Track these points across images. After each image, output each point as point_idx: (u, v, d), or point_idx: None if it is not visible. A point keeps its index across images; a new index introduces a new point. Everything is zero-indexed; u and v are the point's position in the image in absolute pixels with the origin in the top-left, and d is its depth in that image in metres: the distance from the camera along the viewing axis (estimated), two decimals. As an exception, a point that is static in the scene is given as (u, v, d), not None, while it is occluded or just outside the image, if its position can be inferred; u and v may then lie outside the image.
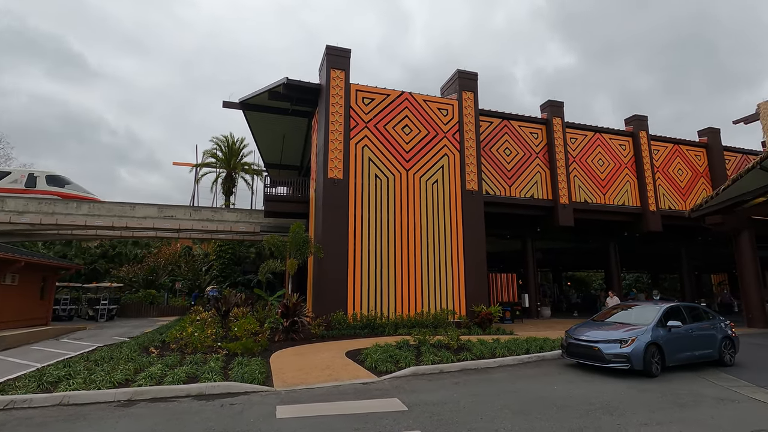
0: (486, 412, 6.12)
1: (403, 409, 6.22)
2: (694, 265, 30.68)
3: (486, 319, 15.12)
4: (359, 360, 9.45)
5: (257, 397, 6.94)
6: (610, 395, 7.04)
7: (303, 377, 8.03)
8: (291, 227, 14.46)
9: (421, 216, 16.31)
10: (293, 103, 18.09)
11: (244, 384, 7.37)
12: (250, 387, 7.31)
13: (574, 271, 47.63)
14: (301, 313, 12.86)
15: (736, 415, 6.00)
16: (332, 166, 15.47)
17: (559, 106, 21.00)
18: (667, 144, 23.52)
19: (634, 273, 49.27)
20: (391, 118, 16.74)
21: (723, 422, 5.69)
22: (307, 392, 7.18)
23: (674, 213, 21.92)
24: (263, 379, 7.75)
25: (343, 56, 16.47)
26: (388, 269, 15.48)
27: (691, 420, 5.78)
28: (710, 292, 38.56)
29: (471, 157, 17.54)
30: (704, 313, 10.14)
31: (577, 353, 9.15)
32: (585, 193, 20.86)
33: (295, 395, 7.00)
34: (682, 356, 8.95)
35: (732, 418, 5.88)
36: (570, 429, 5.42)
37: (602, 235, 24.96)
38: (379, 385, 7.67)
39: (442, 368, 8.87)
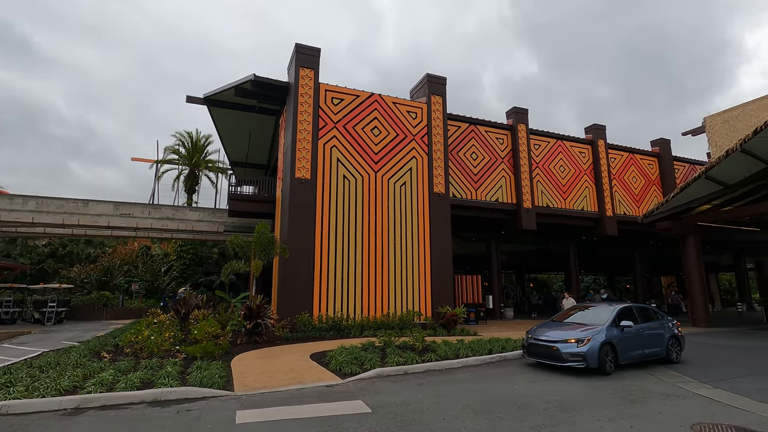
0: (449, 412, 6.19)
1: (366, 411, 6.19)
2: (647, 268, 32.35)
3: (451, 320, 15.34)
4: (324, 362, 9.34)
5: (216, 402, 6.72)
6: (566, 393, 7.30)
7: (265, 381, 7.85)
8: (256, 227, 14.13)
9: (388, 218, 16.36)
10: (260, 101, 17.72)
11: (202, 389, 7.13)
12: (209, 392, 7.08)
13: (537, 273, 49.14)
14: (265, 315, 12.58)
15: (681, 410, 6.36)
16: (300, 165, 15.26)
17: (524, 113, 21.65)
18: (623, 153, 24.73)
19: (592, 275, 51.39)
20: (361, 119, 16.71)
21: (669, 417, 6.01)
22: (269, 396, 7.02)
23: (629, 218, 23.05)
24: (223, 383, 7.52)
25: (313, 55, 16.30)
26: (355, 271, 15.42)
27: (640, 416, 6.08)
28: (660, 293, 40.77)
29: (439, 160, 17.77)
30: (654, 314, 10.70)
31: (537, 353, 9.44)
32: (547, 198, 21.59)
33: (256, 399, 6.83)
34: (633, 354, 9.41)
35: (677, 413, 6.23)
36: (528, 427, 5.57)
37: (563, 239, 25.90)
38: (343, 388, 7.61)
39: (407, 369, 8.91)
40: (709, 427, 5.57)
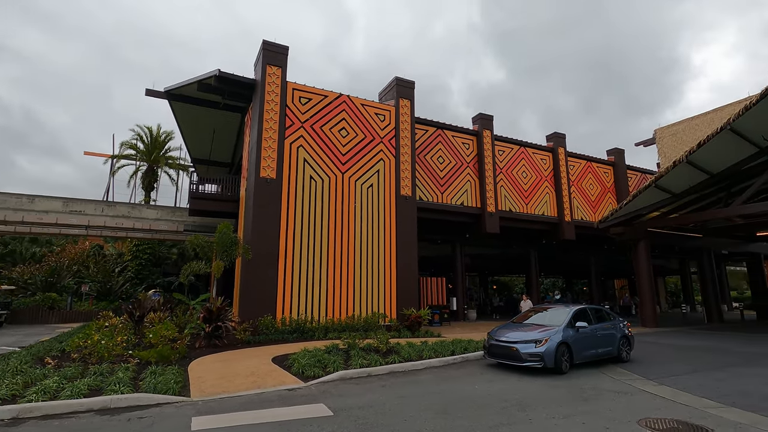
0: (410, 413, 6.23)
1: (328, 415, 6.13)
2: (601, 271, 33.93)
3: (415, 322, 15.48)
4: (286, 366, 9.18)
5: (171, 408, 6.45)
6: (524, 392, 7.52)
7: (224, 385, 7.62)
8: (218, 227, 13.70)
9: (355, 219, 16.32)
10: (225, 97, 17.26)
11: (156, 395, 6.82)
12: (163, 398, 6.78)
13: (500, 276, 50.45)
14: (225, 318, 12.22)
15: (629, 406, 6.69)
16: (265, 164, 14.96)
17: (489, 119, 22.22)
18: (582, 161, 25.86)
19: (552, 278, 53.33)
20: (329, 119, 16.60)
21: (618, 413, 6.31)
22: (227, 401, 6.82)
23: (586, 224, 24.11)
24: (179, 389, 7.22)
25: (281, 53, 16.05)
26: (320, 272, 15.27)
27: (592, 412, 6.35)
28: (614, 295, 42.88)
29: (406, 163, 17.92)
30: (606, 315, 11.22)
31: (498, 353, 9.68)
32: (510, 203, 22.23)
33: (214, 405, 6.61)
34: (587, 354, 9.82)
35: (625, 409, 6.56)
36: (487, 426, 5.69)
37: (524, 243, 26.75)
38: (305, 391, 7.50)
39: (371, 371, 8.90)
40: (653, 421, 5.89)
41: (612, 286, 46.38)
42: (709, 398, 7.11)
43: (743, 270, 40.80)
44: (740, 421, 5.91)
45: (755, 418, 6.06)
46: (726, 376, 8.95)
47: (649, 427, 5.66)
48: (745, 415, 6.20)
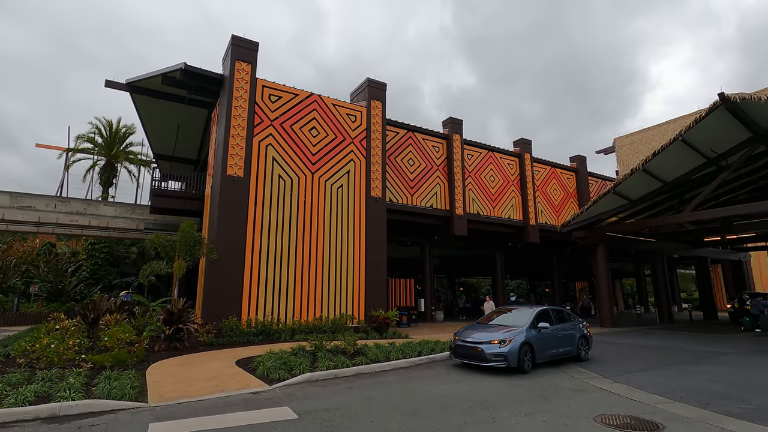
0: (377, 414, 6.22)
1: (293, 418, 6.03)
2: (563, 273, 35.19)
3: (383, 323, 15.50)
4: (250, 368, 8.97)
5: (126, 415, 6.16)
6: (488, 392, 7.67)
7: (185, 390, 7.35)
8: (181, 225, 13.25)
9: (324, 220, 16.18)
10: (191, 92, 16.70)
11: (111, 401, 6.50)
12: (118, 404, 6.47)
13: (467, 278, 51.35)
14: (187, 320, 11.81)
15: (587, 404, 6.96)
16: (232, 162, 14.58)
17: (459, 123, 22.60)
18: (546, 166, 26.74)
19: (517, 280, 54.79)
20: (299, 118, 16.39)
21: (576, 410, 6.55)
22: (187, 406, 6.58)
23: (549, 227, 24.91)
24: (136, 394, 6.92)
25: (251, 49, 15.71)
26: (288, 273, 15.03)
27: (552, 410, 6.56)
28: (574, 297, 44.55)
29: (377, 164, 17.94)
30: (567, 315, 11.62)
31: (463, 354, 9.83)
32: (478, 206, 22.68)
33: (173, 410, 6.36)
34: (549, 353, 10.14)
35: (583, 406, 6.81)
36: (452, 425, 5.76)
37: (491, 245, 27.36)
38: (270, 394, 7.35)
39: (337, 373, 8.83)
40: (608, 417, 6.15)
41: (573, 287, 48.15)
42: (660, 394, 7.50)
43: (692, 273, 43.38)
44: (687, 416, 6.26)
45: (701, 412, 6.44)
46: (675, 374, 9.46)
47: (604, 423, 5.91)
48: (691, 410, 6.58)
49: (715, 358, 11.61)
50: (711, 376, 9.18)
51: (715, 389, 7.89)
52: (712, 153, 17.26)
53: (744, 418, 6.10)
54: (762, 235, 26.84)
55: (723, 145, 16.88)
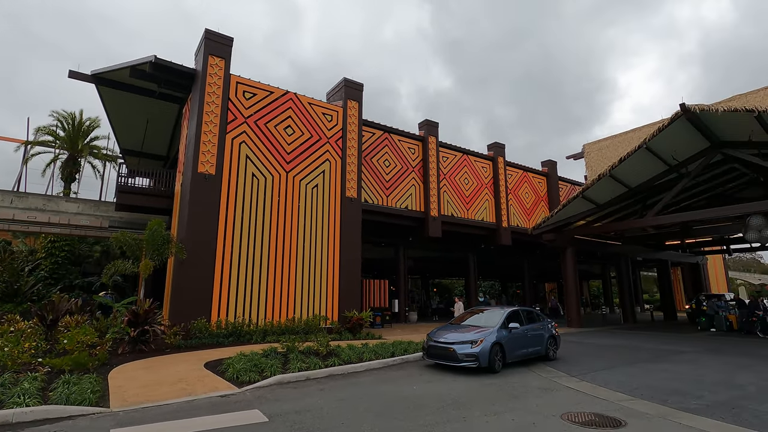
0: (348, 416, 6.19)
1: (263, 421, 5.92)
2: (534, 275, 36.04)
3: (357, 324, 15.45)
4: (219, 371, 8.76)
5: (85, 421, 5.90)
6: (459, 392, 7.76)
7: (149, 394, 7.10)
8: (149, 224, 12.81)
9: (298, 220, 15.99)
10: (161, 86, 16.20)
11: (69, 407, 6.20)
12: (77, 410, 6.18)
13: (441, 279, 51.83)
14: (154, 322, 11.42)
15: (554, 402, 7.15)
16: (204, 159, 14.22)
17: (435, 126, 22.82)
18: (519, 170, 27.35)
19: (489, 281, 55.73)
20: (274, 116, 16.15)
21: (544, 408, 6.71)
22: (152, 411, 6.35)
23: (521, 230, 25.48)
24: (97, 399, 6.62)
25: (225, 44, 15.37)
26: (260, 273, 14.78)
27: (521, 408, 6.70)
28: (544, 298, 45.70)
29: (352, 165, 17.88)
30: (537, 316, 11.91)
31: (436, 354, 9.92)
32: (452, 208, 22.96)
33: (136, 415, 6.13)
34: (519, 353, 10.36)
35: (551, 404, 6.99)
36: (423, 425, 5.79)
37: (464, 247, 27.73)
38: (239, 397, 7.20)
39: (309, 375, 8.74)
40: (574, 415, 6.33)
41: (543, 289, 49.38)
42: (623, 392, 7.78)
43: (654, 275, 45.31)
44: (648, 412, 6.52)
45: (660, 409, 6.72)
46: (637, 372, 9.84)
47: (570, 420, 6.08)
48: (652, 406, 6.86)
49: (673, 356, 12.15)
50: (670, 373, 9.60)
51: (673, 386, 8.25)
52: (673, 161, 18.09)
53: (699, 414, 6.41)
54: (718, 240, 28.35)
55: (684, 153, 17.72)
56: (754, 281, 54.17)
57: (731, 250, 30.24)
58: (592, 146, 29.43)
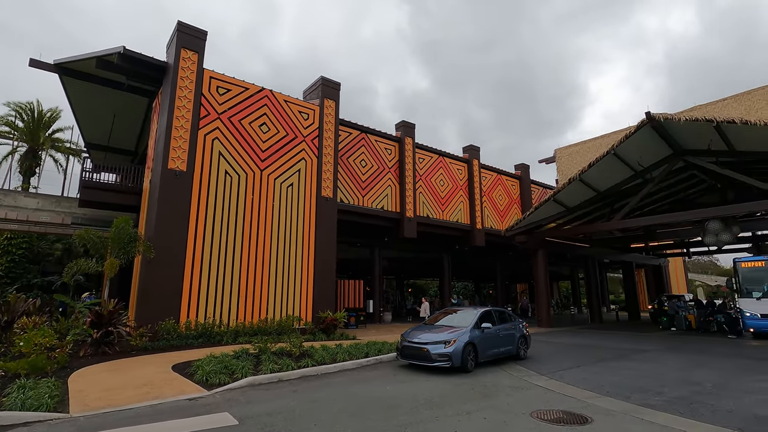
0: (321, 417, 6.12)
1: (233, 424, 5.78)
2: (506, 276, 36.77)
3: (331, 324, 15.34)
4: (188, 373, 8.50)
5: (42, 427, 5.60)
6: (432, 391, 7.82)
7: (112, 398, 6.81)
8: (115, 221, 12.32)
9: (272, 219, 15.74)
10: (130, 78, 15.62)
11: (24, 413, 5.88)
12: (33, 415, 5.87)
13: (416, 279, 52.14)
14: (118, 323, 10.98)
15: (524, 400, 7.29)
16: (174, 155, 13.80)
17: (412, 127, 22.94)
18: (493, 173, 27.84)
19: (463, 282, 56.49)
20: (249, 113, 15.84)
21: (515, 407, 6.84)
22: (114, 415, 6.10)
23: (494, 231, 25.94)
24: (55, 404, 6.31)
25: (198, 37, 14.97)
26: (233, 273, 14.45)
27: (493, 407, 6.80)
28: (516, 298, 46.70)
29: (328, 164, 17.75)
30: (509, 316, 12.14)
31: (410, 354, 9.95)
32: (428, 209, 23.13)
33: (97, 420, 5.87)
34: (491, 353, 10.53)
35: (521, 402, 7.13)
36: (396, 425, 5.80)
37: (439, 248, 28.00)
38: (208, 400, 7.01)
39: (282, 376, 8.61)
40: (543, 413, 6.48)
41: (515, 289, 50.44)
42: (590, 390, 8.02)
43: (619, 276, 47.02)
44: (612, 409, 6.74)
45: (624, 405, 6.96)
46: (602, 370, 10.18)
47: (539, 418, 6.22)
48: (617, 403, 7.10)
49: (636, 354, 12.64)
50: (633, 371, 9.97)
51: (636, 383, 8.57)
52: (639, 166, 18.83)
53: (660, 409, 6.68)
54: (678, 243, 29.69)
55: (648, 159, 18.47)
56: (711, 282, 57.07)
57: (691, 253, 31.77)
58: (563, 151, 30.30)
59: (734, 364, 10.81)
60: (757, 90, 20.35)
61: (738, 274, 17.96)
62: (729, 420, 6.13)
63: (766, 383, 8.55)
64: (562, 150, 30.65)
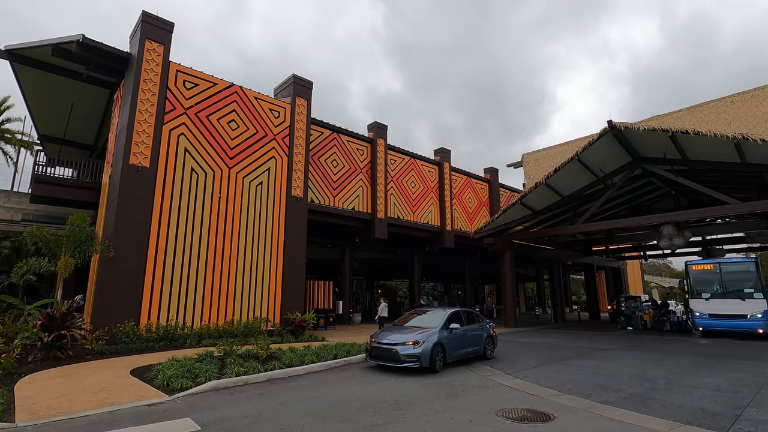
0: (287, 421, 6.02)
1: (195, 430, 5.59)
2: (474, 277, 37.43)
3: (300, 326, 15.14)
4: (148, 378, 8.16)
5: (-16, 438, 5.23)
6: (401, 392, 7.84)
7: (64, 405, 6.45)
8: (70, 218, 11.69)
9: (240, 218, 15.38)
10: (90, 68, 14.87)
11: (-37, 423, 5.47)
12: (-27, 426, 5.46)
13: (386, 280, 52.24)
14: (72, 325, 10.41)
15: (490, 399, 7.44)
16: (137, 150, 13.24)
17: (384, 128, 23.00)
18: (463, 176, 28.30)
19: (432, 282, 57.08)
20: (217, 109, 15.42)
21: (481, 406, 6.96)
22: (66, 424, 5.77)
23: (463, 233, 26.36)
24: (0, 412, 5.90)
25: (164, 29, 14.44)
26: (197, 274, 14.01)
27: (460, 407, 6.90)
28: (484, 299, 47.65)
29: (299, 163, 17.53)
30: (476, 317, 12.35)
31: (379, 356, 9.95)
32: (399, 210, 23.24)
33: (47, 430, 5.54)
34: (459, 353, 10.68)
35: (487, 401, 7.26)
36: (364, 427, 5.77)
37: (409, 249, 28.18)
38: (169, 405, 6.75)
39: (247, 380, 8.41)
40: (508, 411, 6.63)
41: (483, 290, 51.44)
42: (552, 388, 8.27)
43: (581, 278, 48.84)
44: (574, 406, 6.98)
45: (584, 402, 7.22)
46: (564, 368, 10.52)
47: (504, 416, 6.35)
48: (577, 400, 7.35)
49: (596, 353, 13.15)
50: (593, 369, 10.36)
51: (596, 381, 8.92)
52: (601, 172, 19.63)
53: (617, 406, 6.97)
54: (636, 246, 31.15)
55: (610, 166, 19.28)
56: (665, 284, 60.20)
57: (647, 256, 33.43)
58: (530, 156, 31.15)
59: (684, 362, 11.43)
60: (707, 103, 21.65)
61: (689, 276, 19.02)
62: (679, 414, 6.47)
63: (712, 378, 9.09)
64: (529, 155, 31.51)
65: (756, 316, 16.70)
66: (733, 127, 19.77)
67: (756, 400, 7.32)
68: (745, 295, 17.14)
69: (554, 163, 24.24)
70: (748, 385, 8.49)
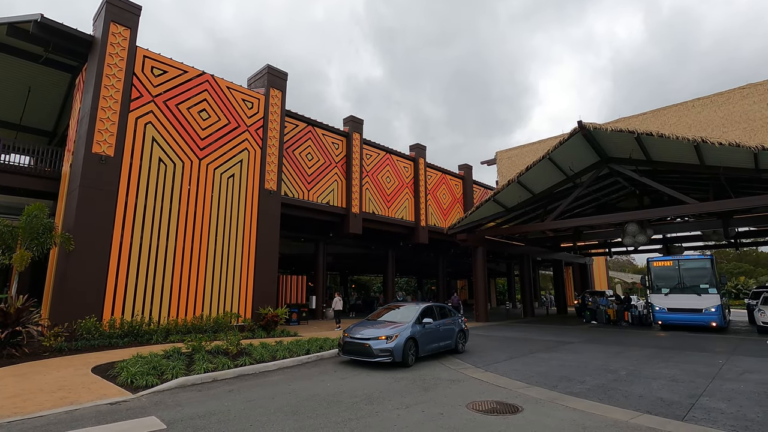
0: (258, 417, 5.92)
1: (160, 428, 5.42)
2: (448, 272, 37.96)
3: (272, 321, 14.94)
4: (110, 375, 7.87)
5: (-72, 442, 4.90)
6: (373, 387, 7.86)
7: (19, 405, 6.12)
8: (26, 208, 11.08)
9: (211, 211, 14.98)
10: (49, 50, 14.07)
11: None
12: None
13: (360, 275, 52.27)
14: (29, 321, 9.92)
15: (461, 392, 7.55)
16: (100, 138, 12.65)
17: (360, 123, 22.87)
18: (438, 172, 28.54)
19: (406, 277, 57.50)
20: (187, 98, 14.91)
21: (451, 399, 7.06)
22: (21, 425, 5.48)
23: (437, 229, 26.63)
24: (-55, 414, 5.55)
25: (131, 12, 13.80)
26: (165, 267, 13.57)
27: (431, 400, 6.98)
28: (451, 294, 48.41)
29: (273, 156, 17.21)
30: (449, 311, 12.51)
31: (352, 350, 9.93)
32: (374, 205, 23.21)
33: None
34: (431, 347, 10.79)
35: (458, 395, 7.38)
36: (335, 422, 5.75)
37: (384, 244, 28.24)
38: (133, 403, 6.52)
39: (216, 376, 8.23)
40: (478, 403, 6.76)
41: (455, 285, 52.25)
42: (520, 380, 8.49)
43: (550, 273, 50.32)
44: (540, 398, 7.18)
45: (551, 394, 7.44)
46: (532, 361, 10.82)
47: (475, 409, 6.47)
48: (544, 392, 7.57)
49: (562, 346, 13.58)
50: (559, 362, 10.70)
51: (562, 373, 9.21)
52: (570, 171, 20.19)
53: (582, 397, 7.22)
54: (602, 243, 32.31)
55: (579, 165, 19.86)
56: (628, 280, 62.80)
57: (612, 253, 34.73)
58: (503, 154, 31.71)
59: (645, 354, 11.96)
60: (671, 107, 22.60)
61: (650, 272, 19.89)
62: (639, 404, 6.76)
63: (669, 370, 9.55)
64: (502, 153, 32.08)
65: (710, 311, 17.65)
66: (693, 131, 20.73)
67: (709, 389, 7.74)
68: (701, 291, 18.08)
69: (527, 161, 24.77)
70: (702, 375, 8.97)
